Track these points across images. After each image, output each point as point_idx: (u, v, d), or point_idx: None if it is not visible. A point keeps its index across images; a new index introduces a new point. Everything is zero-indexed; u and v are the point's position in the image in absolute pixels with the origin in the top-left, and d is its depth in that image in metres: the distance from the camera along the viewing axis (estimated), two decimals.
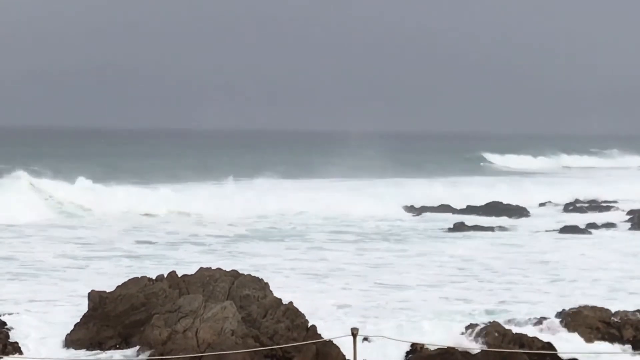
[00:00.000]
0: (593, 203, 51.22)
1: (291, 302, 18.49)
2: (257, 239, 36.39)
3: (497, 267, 29.31)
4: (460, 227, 40.01)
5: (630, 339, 19.07)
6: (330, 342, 17.03)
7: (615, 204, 50.93)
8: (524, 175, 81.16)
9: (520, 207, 47.92)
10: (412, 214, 46.50)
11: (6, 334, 18.16)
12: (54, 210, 42.49)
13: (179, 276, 19.74)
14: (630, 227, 41.04)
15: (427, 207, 48.17)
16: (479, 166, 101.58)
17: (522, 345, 17.80)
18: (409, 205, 48.39)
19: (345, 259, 30.84)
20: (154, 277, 19.69)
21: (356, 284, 25.93)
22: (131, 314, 18.66)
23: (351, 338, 13.14)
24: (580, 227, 39.95)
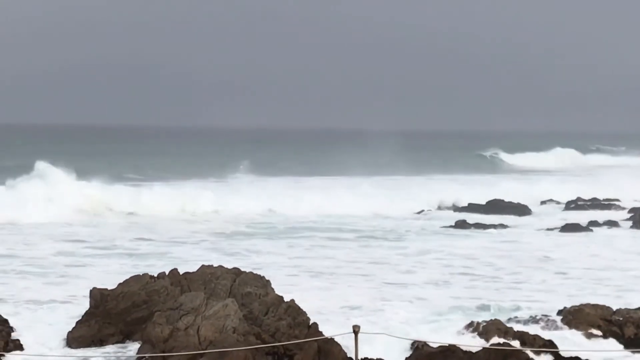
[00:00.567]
0: (595, 201, 51.13)
1: (292, 300, 18.50)
2: (260, 236, 36.40)
3: (498, 265, 29.32)
4: (462, 225, 39.97)
5: (632, 337, 19.07)
6: (332, 339, 17.04)
7: (616, 202, 50.89)
8: (527, 174, 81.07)
9: (522, 205, 47.84)
10: (414, 212, 46.45)
11: (8, 332, 18.19)
12: (56, 208, 42.40)
13: (181, 274, 19.77)
14: (632, 225, 41.03)
15: (429, 205, 48.18)
16: (483, 165, 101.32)
17: (523, 343, 17.81)
18: (410, 203, 48.31)
19: (347, 257, 30.84)
20: (156, 275, 19.71)
21: (358, 282, 25.94)
22: (133, 312, 18.69)
23: (352, 335, 13.16)
24: (582, 225, 39.95)
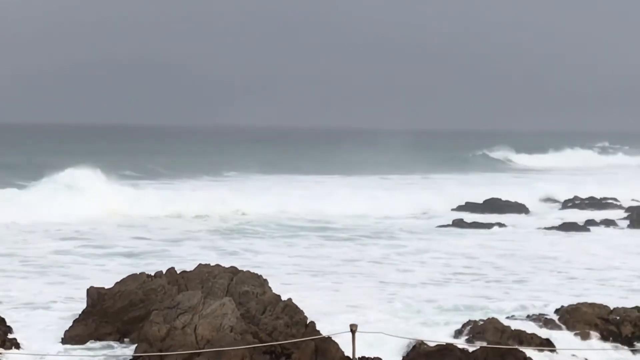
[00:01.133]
0: (592, 200, 51.15)
1: (290, 299, 18.49)
2: (258, 235, 36.41)
3: (496, 264, 29.33)
4: (459, 224, 39.96)
5: (629, 336, 19.07)
6: (329, 338, 17.03)
7: (613, 201, 50.90)
8: (527, 172, 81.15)
9: (519, 203, 47.85)
10: (411, 210, 46.39)
11: (5, 330, 18.16)
12: (52, 207, 42.31)
13: (178, 272, 19.76)
14: (629, 224, 41.05)
15: (427, 204, 48.13)
16: (483, 163, 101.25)
17: (521, 342, 17.81)
18: (409, 201, 48.30)
19: (345, 256, 30.84)
20: (153, 274, 19.69)
21: (356, 281, 25.94)
22: (130, 310, 18.67)
23: (350, 334, 13.15)
24: (580, 224, 39.97)
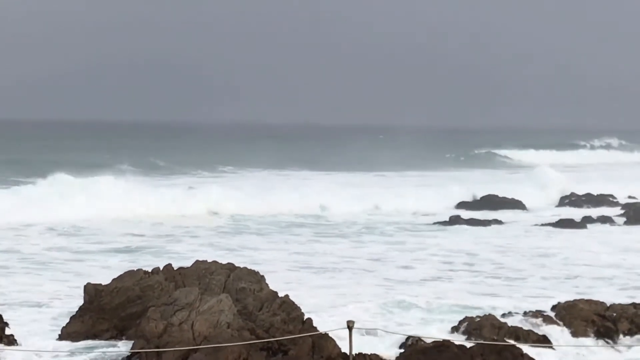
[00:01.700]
0: (588, 196, 51.17)
1: (287, 295, 18.50)
2: (257, 232, 36.44)
3: (492, 261, 29.36)
4: (456, 220, 39.94)
5: (626, 332, 19.09)
6: (326, 334, 17.03)
7: (610, 198, 50.93)
8: (523, 169, 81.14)
9: (515, 200, 47.86)
10: (409, 208, 46.29)
11: (2, 327, 18.13)
12: (50, 204, 42.27)
13: (175, 269, 19.75)
14: (626, 221, 41.10)
15: (425, 201, 48.07)
16: (483, 161, 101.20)
17: (517, 338, 17.83)
18: (407, 199, 48.22)
19: (343, 253, 30.86)
20: (150, 270, 19.69)
21: (353, 278, 25.96)
22: (127, 307, 18.66)
23: (347, 331, 13.17)
24: (576, 220, 40.00)
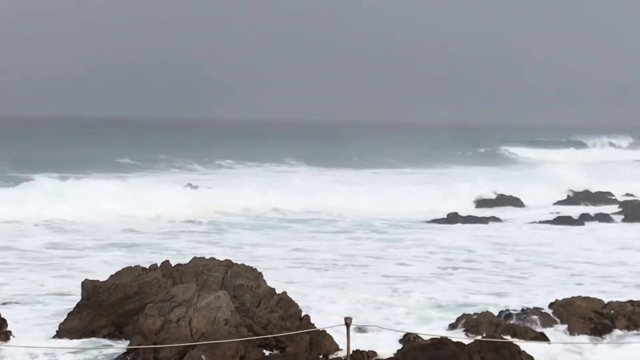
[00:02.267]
0: (586, 194, 51.20)
1: (285, 292, 18.50)
2: (256, 229, 36.45)
3: (490, 258, 29.37)
4: (454, 218, 39.93)
5: (623, 329, 19.10)
6: (324, 331, 17.04)
7: (608, 195, 50.97)
8: (521, 166, 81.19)
9: (513, 197, 47.89)
10: (408, 206, 46.19)
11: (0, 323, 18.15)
12: (47, 200, 42.24)
13: (173, 265, 19.75)
14: (624, 218, 41.13)
15: (424, 199, 47.96)
16: (483, 159, 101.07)
17: (515, 335, 17.84)
18: (405, 197, 48.14)
19: (341, 250, 30.86)
20: (148, 267, 19.68)
21: (351, 275, 25.97)
22: (124, 303, 18.65)
23: (344, 327, 13.17)
24: (574, 218, 40.01)
